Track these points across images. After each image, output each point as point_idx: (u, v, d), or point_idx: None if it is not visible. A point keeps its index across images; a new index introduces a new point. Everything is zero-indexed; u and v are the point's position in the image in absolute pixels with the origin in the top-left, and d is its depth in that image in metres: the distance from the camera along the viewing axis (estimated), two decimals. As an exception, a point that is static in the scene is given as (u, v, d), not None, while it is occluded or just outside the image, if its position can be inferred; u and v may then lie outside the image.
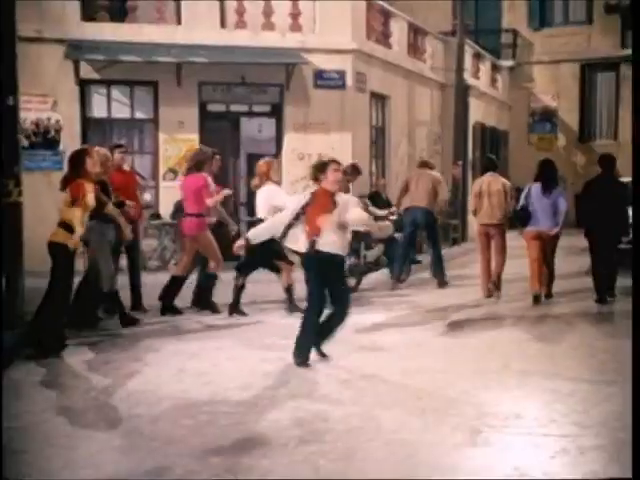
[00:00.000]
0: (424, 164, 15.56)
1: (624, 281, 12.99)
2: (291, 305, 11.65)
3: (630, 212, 12.45)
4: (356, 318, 9.51)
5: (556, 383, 7.81)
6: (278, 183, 11.94)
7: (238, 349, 9.55)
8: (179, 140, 17.29)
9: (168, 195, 17.00)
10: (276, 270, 11.78)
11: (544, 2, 31.15)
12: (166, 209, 17.05)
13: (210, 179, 11.75)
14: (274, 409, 7.06)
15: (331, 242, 8.44)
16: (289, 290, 11.70)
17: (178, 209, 16.60)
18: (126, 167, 12.90)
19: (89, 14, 16.89)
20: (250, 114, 18.12)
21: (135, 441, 6.27)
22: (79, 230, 9.42)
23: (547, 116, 31.58)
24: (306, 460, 5.76)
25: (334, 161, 8.74)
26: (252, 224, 11.28)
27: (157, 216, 17.23)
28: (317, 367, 8.55)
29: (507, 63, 30.99)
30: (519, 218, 12.94)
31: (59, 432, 6.44)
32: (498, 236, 13.39)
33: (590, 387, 7.71)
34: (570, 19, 31.20)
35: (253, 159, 16.02)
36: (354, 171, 14.44)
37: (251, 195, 13.53)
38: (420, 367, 8.57)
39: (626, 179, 12.84)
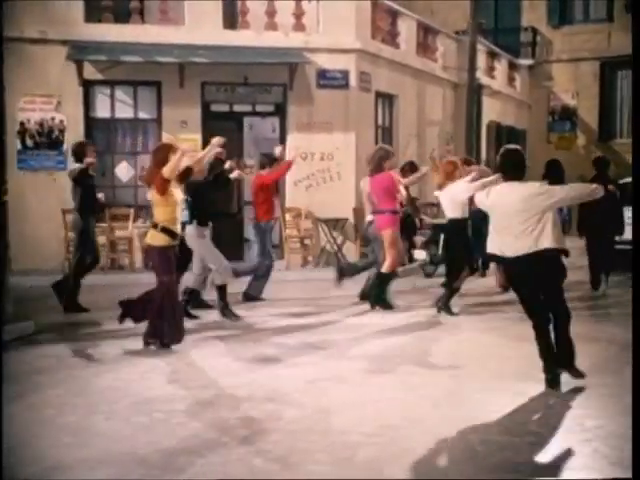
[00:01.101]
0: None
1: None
2: None
3: (626, 212, 12.82)
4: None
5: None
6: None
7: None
8: (182, 140, 17.31)
9: (171, 195, 17.09)
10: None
11: (564, 0, 30.93)
12: (168, 209, 17.13)
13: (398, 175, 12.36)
14: (228, 408, 7.06)
15: None
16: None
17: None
18: None
19: (93, 15, 17.02)
20: (254, 114, 18.16)
21: (83, 438, 6.29)
22: (177, 229, 9.42)
23: (567, 115, 31.34)
24: (241, 460, 5.75)
25: None
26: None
27: (159, 216, 17.31)
28: (288, 368, 8.59)
29: (526, 62, 30.73)
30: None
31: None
32: None
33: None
34: (590, 17, 30.94)
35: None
36: (412, 168, 14.32)
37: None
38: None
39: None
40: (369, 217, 12.58)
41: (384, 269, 11.86)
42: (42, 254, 16.43)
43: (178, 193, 9.47)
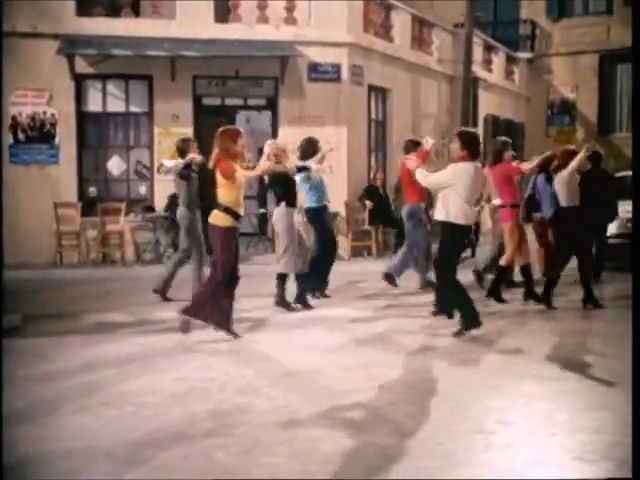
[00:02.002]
0: None
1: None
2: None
3: (625, 205, 13.15)
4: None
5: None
6: None
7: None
8: (174, 134, 17.33)
9: (162, 188, 17.10)
10: None
11: (563, -7, 30.86)
12: (160, 202, 17.16)
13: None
14: (199, 401, 7.06)
15: None
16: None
17: (172, 202, 16.76)
18: None
19: (84, 9, 17.02)
20: (245, 107, 18.16)
21: (49, 432, 6.30)
22: (240, 211, 9.42)
23: (566, 108, 31.23)
24: (203, 453, 5.74)
25: None
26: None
27: (151, 209, 17.33)
28: (265, 361, 8.58)
29: (525, 55, 30.64)
30: (527, 206, 13.65)
31: None
32: None
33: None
34: (590, 10, 30.81)
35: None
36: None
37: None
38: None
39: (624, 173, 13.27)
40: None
41: (502, 262, 11.83)
42: (33, 248, 16.48)
43: (242, 175, 9.39)
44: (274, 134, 17.72)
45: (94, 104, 17.53)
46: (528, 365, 8.27)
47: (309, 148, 12.23)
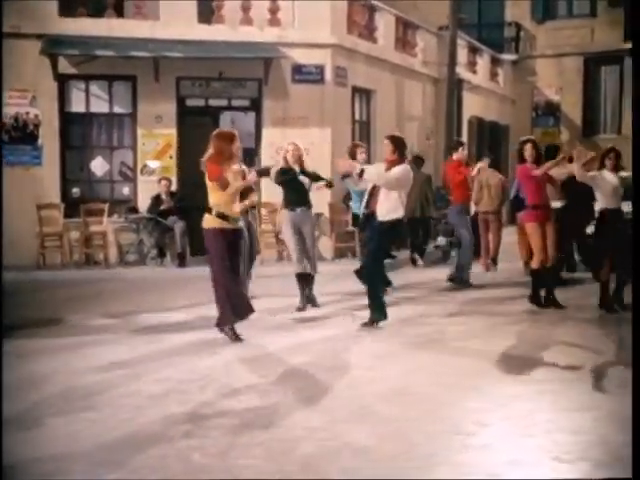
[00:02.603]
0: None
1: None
2: None
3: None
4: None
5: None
6: None
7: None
8: (157, 135, 17.37)
9: (146, 189, 17.10)
10: None
11: (548, -6, 30.94)
12: (143, 203, 17.13)
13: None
14: (177, 403, 7.04)
15: None
16: None
17: (155, 203, 16.77)
18: None
19: (68, 9, 16.96)
20: (229, 109, 18.13)
21: (31, 435, 6.27)
22: (230, 213, 9.41)
23: (550, 110, 31.31)
24: (179, 455, 5.73)
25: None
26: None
27: (134, 210, 17.29)
28: (246, 362, 8.57)
29: (510, 57, 30.71)
30: (513, 205, 15.19)
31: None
32: (496, 222, 16.12)
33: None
34: (574, 12, 30.90)
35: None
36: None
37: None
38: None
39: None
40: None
41: (533, 265, 11.74)
42: (16, 250, 16.37)
43: (233, 185, 9.38)
44: (258, 135, 17.72)
45: (77, 105, 17.46)
46: (506, 366, 8.29)
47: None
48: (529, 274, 12.06)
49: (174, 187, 17.13)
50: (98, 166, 17.68)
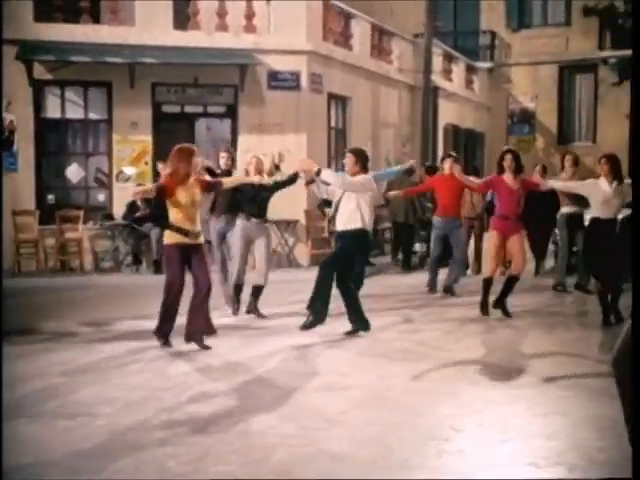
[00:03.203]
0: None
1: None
2: None
3: None
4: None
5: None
6: None
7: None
8: (132, 141, 17.31)
9: (121, 196, 17.02)
10: None
11: (522, 3, 31.10)
12: (119, 210, 17.07)
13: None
14: (153, 410, 7.00)
15: None
16: None
17: (130, 210, 16.70)
18: None
19: (43, 15, 16.88)
20: (205, 115, 18.11)
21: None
22: (191, 227, 9.38)
23: (526, 118, 31.53)
24: (155, 463, 5.70)
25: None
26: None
27: (110, 217, 17.23)
28: (221, 369, 8.56)
29: (485, 65, 30.88)
30: (488, 210, 15.08)
31: None
32: (478, 228, 16.39)
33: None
34: (548, 21, 31.18)
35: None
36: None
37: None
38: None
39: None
40: None
41: (485, 273, 11.94)
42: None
43: (195, 195, 9.37)
44: (234, 142, 17.70)
45: (53, 111, 17.38)
46: (481, 372, 8.30)
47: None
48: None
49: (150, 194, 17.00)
50: (73, 172, 17.59)
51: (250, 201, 11.27)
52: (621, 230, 10.71)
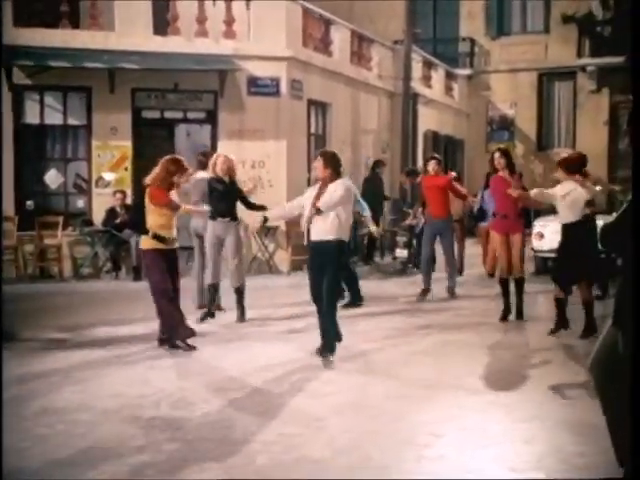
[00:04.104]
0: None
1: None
2: None
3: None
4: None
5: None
6: None
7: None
8: (112, 147, 17.25)
9: (101, 202, 16.97)
10: None
11: (502, 11, 31.17)
12: (98, 216, 17.00)
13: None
14: (131, 417, 6.97)
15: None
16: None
17: (110, 216, 16.64)
18: None
19: (22, 19, 16.78)
20: (184, 121, 18.07)
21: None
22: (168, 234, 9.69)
23: (505, 125, 31.57)
24: (133, 471, 5.68)
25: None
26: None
27: (89, 223, 17.15)
28: (200, 375, 8.56)
29: (464, 72, 30.94)
30: (476, 217, 16.28)
31: None
32: (459, 230, 16.33)
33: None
34: (528, 28, 31.24)
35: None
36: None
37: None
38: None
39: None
40: None
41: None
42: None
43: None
44: (214, 147, 17.63)
45: (32, 116, 17.24)
46: (460, 378, 8.31)
47: None
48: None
49: (129, 200, 16.97)
50: (52, 178, 17.46)
51: (218, 201, 11.29)
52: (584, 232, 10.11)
